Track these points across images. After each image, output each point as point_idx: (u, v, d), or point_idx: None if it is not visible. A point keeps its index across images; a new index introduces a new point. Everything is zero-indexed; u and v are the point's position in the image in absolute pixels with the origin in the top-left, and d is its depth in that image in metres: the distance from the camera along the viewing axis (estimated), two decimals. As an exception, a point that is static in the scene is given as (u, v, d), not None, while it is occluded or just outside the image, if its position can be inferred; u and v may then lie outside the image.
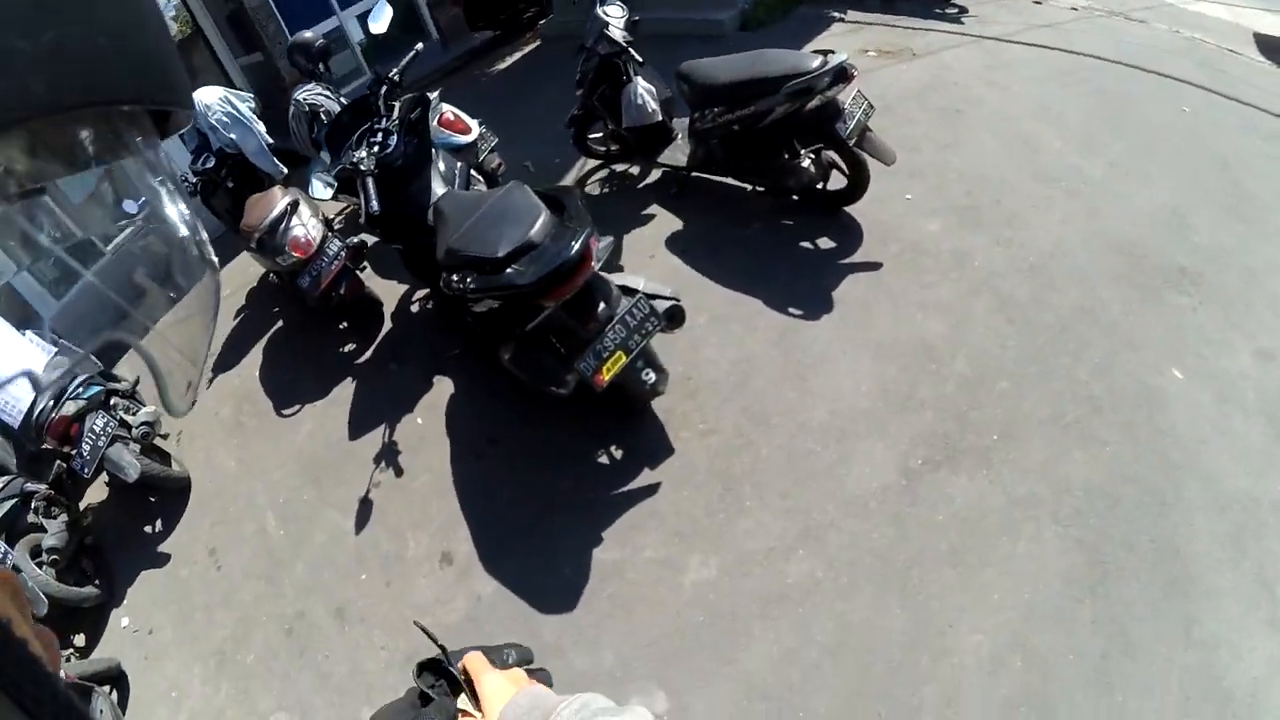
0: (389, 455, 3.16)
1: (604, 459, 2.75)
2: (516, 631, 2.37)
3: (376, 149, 2.96)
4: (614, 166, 4.38)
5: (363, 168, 2.86)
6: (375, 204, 2.76)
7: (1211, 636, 1.92)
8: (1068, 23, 4.71)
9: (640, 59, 3.50)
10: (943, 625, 2.07)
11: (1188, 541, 2.09)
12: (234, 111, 4.21)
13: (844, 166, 3.15)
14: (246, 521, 3.23)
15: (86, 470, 3.08)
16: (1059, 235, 3.06)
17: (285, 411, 3.70)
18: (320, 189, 2.92)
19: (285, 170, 4.51)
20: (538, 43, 7.47)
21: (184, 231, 0.47)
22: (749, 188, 3.68)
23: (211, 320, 0.53)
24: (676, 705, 2.08)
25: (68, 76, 0.30)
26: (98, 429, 3.09)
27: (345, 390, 3.65)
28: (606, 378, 2.34)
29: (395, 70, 3.19)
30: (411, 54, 3.25)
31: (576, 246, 2.18)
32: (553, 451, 2.86)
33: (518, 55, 7.27)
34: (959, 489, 2.34)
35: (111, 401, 3.29)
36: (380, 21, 3.19)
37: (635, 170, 4.29)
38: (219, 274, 0.52)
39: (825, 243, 3.31)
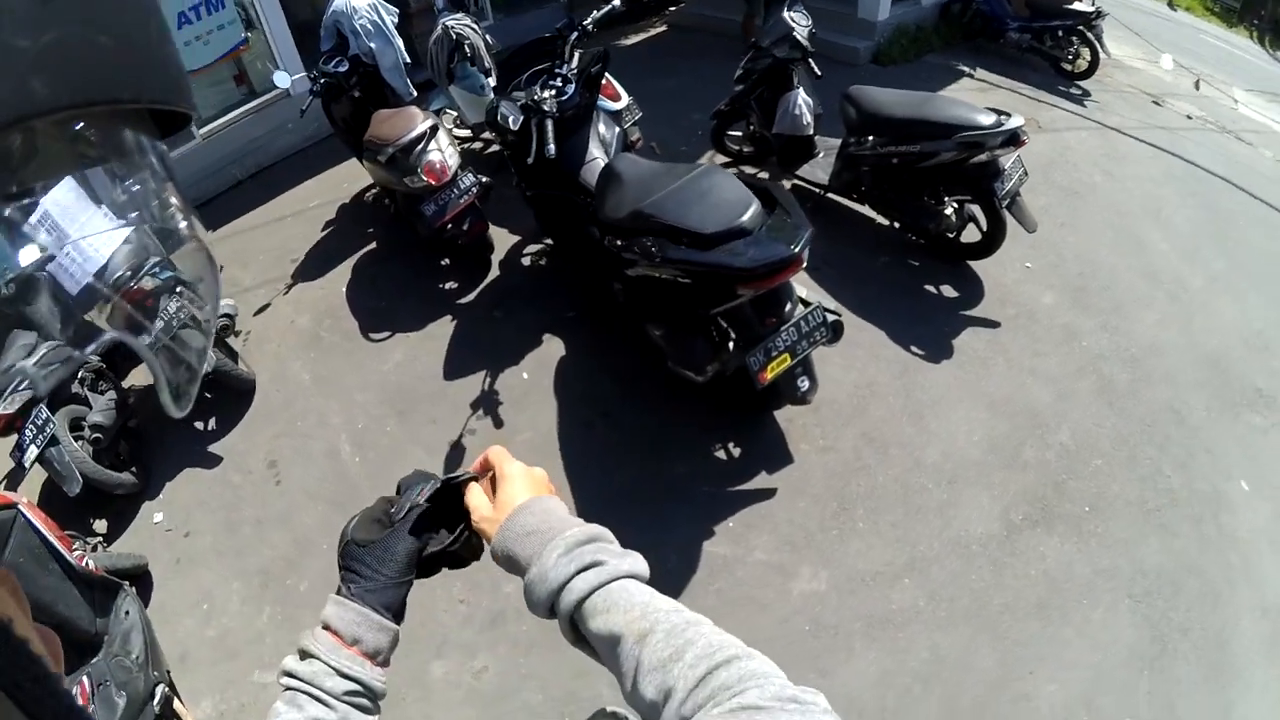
0: (488, 403, 3.40)
1: (721, 454, 3.12)
2: None
3: (553, 92, 3.20)
4: (743, 168, 4.70)
5: (545, 108, 3.11)
6: (552, 147, 3.00)
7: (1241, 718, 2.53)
8: (1182, 130, 5.44)
9: (819, 71, 3.92)
10: (1024, 671, 2.56)
11: (1234, 636, 2.68)
12: (380, 20, 4.31)
13: (983, 223, 3.64)
14: (316, 440, 3.39)
15: (155, 344, 3.11)
16: (1157, 335, 3.66)
17: (374, 336, 3.86)
18: (509, 120, 3.10)
19: (415, 92, 4.63)
20: (664, 28, 7.91)
21: (184, 232, 0.53)
22: (881, 221, 4.12)
23: (211, 321, 0.60)
24: None
25: (68, 76, 0.32)
26: (172, 309, 3.12)
27: (443, 328, 3.84)
28: (770, 376, 2.68)
29: (591, 20, 3.43)
30: (609, 8, 3.50)
31: (802, 241, 2.52)
32: (669, 436, 3.19)
33: (642, 36, 7.68)
34: (1051, 549, 2.86)
35: (178, 290, 3.28)
36: None
37: (764, 176, 4.61)
38: (218, 274, 0.59)
39: (948, 291, 3.82)
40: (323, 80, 4.37)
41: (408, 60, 4.56)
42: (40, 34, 0.31)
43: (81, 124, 0.37)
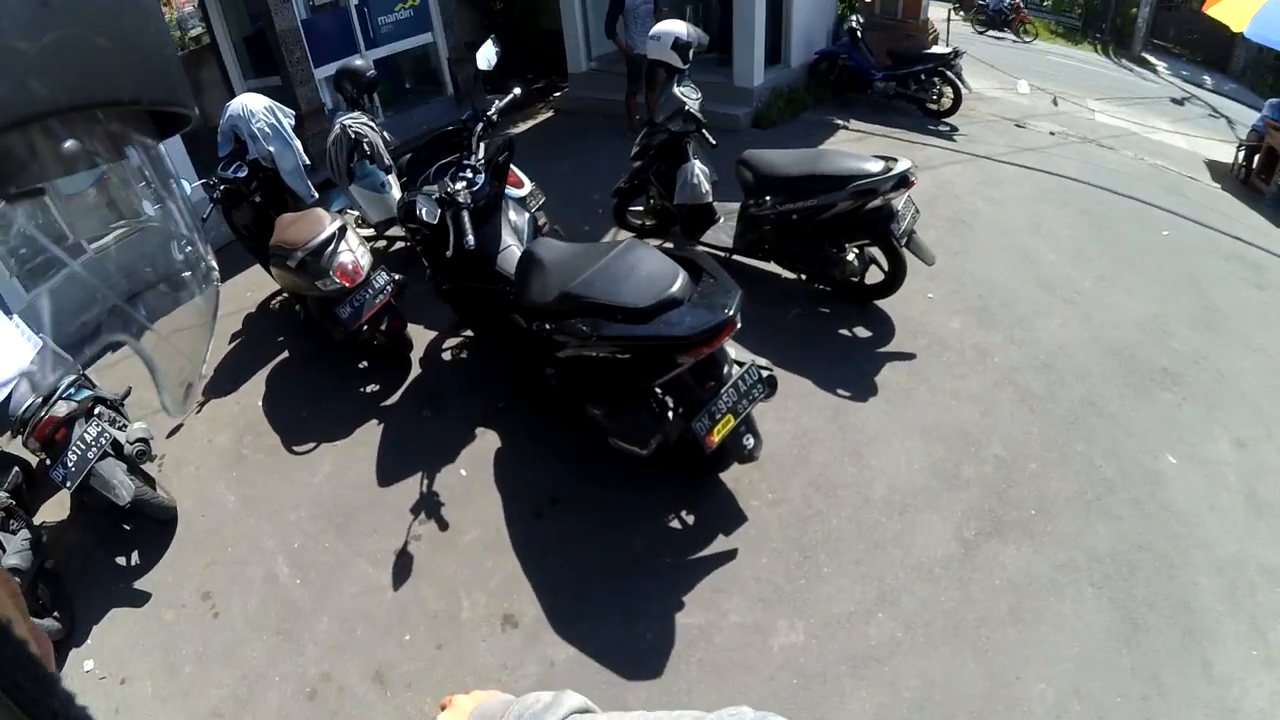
0: (430, 506, 3.40)
1: (676, 523, 3.21)
2: (600, 699, 2.73)
3: (465, 184, 3.36)
4: (647, 241, 5.00)
5: (460, 199, 3.26)
6: (471, 238, 3.15)
7: (1224, 675, 2.63)
8: (1048, 147, 6.09)
9: (714, 140, 4.28)
10: (1011, 678, 2.66)
11: (1195, 598, 2.85)
12: (278, 124, 4.43)
13: (884, 263, 3.98)
14: (252, 565, 3.30)
15: (70, 483, 3.04)
16: (1061, 338, 4.01)
17: (298, 449, 3.83)
18: (428, 215, 3.25)
19: (316, 194, 4.74)
20: (550, 113, 8.50)
21: (184, 231, 0.55)
22: (788, 275, 4.43)
23: (211, 321, 0.62)
24: None
25: (68, 77, 0.34)
26: (89, 438, 3.10)
27: (370, 433, 3.85)
28: (717, 439, 2.83)
29: (494, 109, 3.65)
30: (510, 96, 3.77)
31: (734, 304, 2.72)
32: (622, 513, 3.27)
33: (531, 123, 8.18)
34: (1009, 557, 3.02)
35: (97, 411, 3.32)
36: (487, 58, 3.67)
37: (669, 246, 4.94)
38: (218, 273, 0.62)
39: (861, 331, 4.12)
40: (222, 187, 4.42)
41: (307, 163, 4.66)
42: (40, 36, 0.32)
43: (82, 125, 0.39)
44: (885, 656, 2.73)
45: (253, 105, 4.47)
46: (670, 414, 3.10)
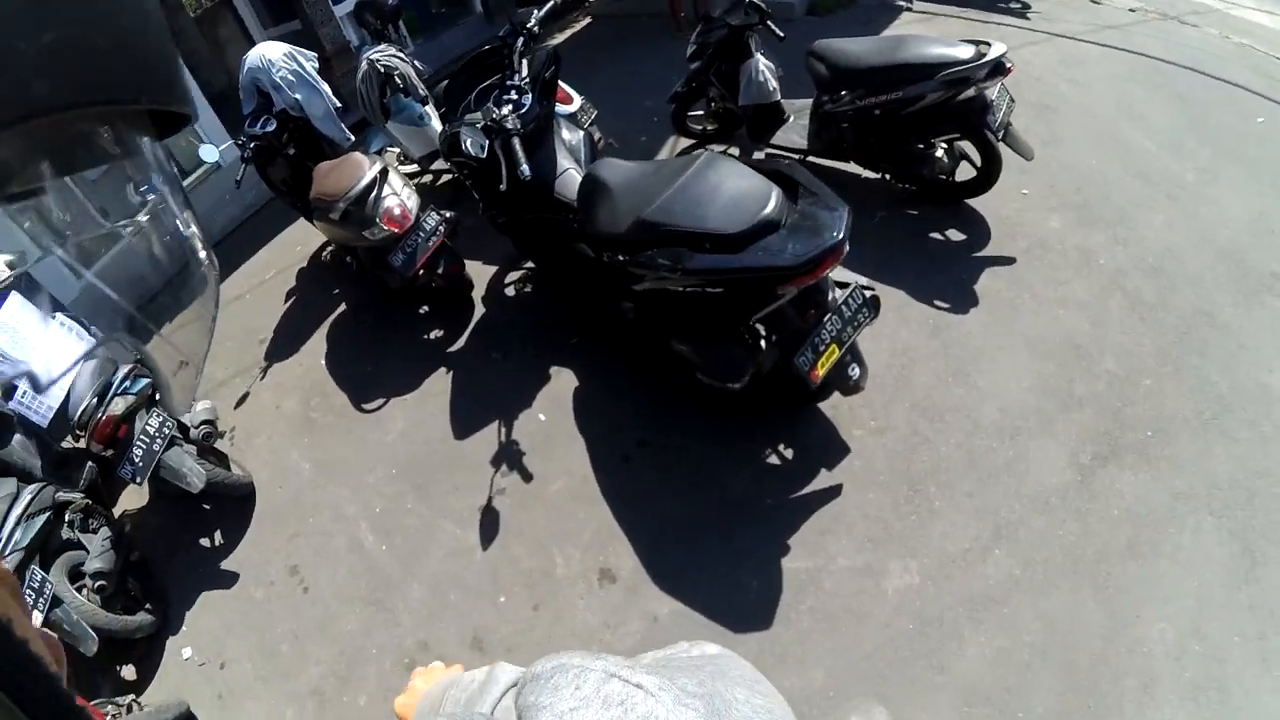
0: (511, 457, 3.27)
1: (775, 459, 3.05)
2: None
3: (511, 107, 3.03)
4: (710, 147, 4.62)
5: (509, 125, 2.93)
6: (526, 167, 2.82)
7: None
8: (1128, 25, 5.56)
9: (781, 33, 3.81)
10: (1131, 617, 2.58)
11: None
12: (300, 70, 4.14)
13: (976, 159, 3.64)
14: (335, 535, 3.23)
15: (139, 478, 2.99)
16: (1168, 238, 3.73)
17: (367, 406, 3.71)
18: (475, 147, 2.92)
19: (352, 137, 4.48)
20: (587, 20, 7.94)
21: (185, 230, 0.56)
22: (868, 175, 4.08)
23: (212, 320, 0.62)
24: (898, 718, 2.38)
25: (68, 76, 0.34)
26: (152, 430, 3.02)
27: (440, 383, 3.70)
28: (821, 373, 2.59)
29: (534, 19, 3.25)
30: (550, 3, 3.35)
31: (843, 225, 2.40)
32: (716, 453, 3.10)
33: (568, 34, 7.65)
34: (1127, 484, 2.88)
35: (159, 396, 3.17)
36: None
37: (734, 151, 4.54)
38: (218, 272, 0.62)
39: (954, 234, 3.82)
40: (252, 144, 4.19)
41: (338, 105, 4.40)
42: (40, 35, 0.32)
43: (82, 125, 0.39)
44: (1003, 597, 2.64)
45: (271, 54, 4.17)
46: (764, 344, 2.85)
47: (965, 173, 3.82)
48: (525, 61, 3.21)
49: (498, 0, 7.80)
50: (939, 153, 3.74)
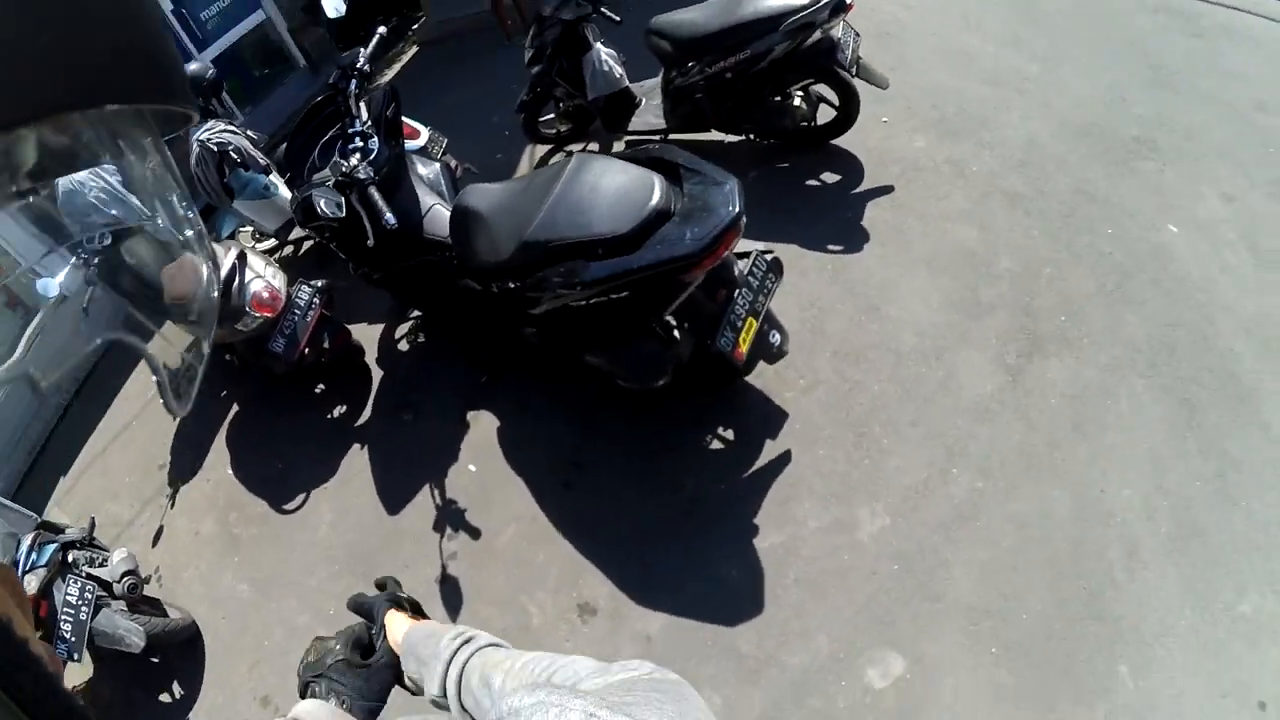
0: (452, 518, 3.21)
1: (717, 445, 3.08)
2: (710, 656, 2.59)
3: (359, 155, 2.97)
4: (569, 149, 4.67)
5: (361, 176, 2.87)
6: (390, 215, 2.77)
7: None
8: None
9: (617, 17, 3.88)
10: (1095, 493, 2.71)
11: (1235, 363, 2.95)
12: (109, 185, 3.94)
13: (834, 99, 3.77)
14: (295, 650, 2.97)
15: (76, 655, 2.87)
16: (1028, 131, 3.95)
17: (288, 507, 3.59)
18: (331, 208, 2.86)
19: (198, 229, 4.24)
20: (414, 49, 7.85)
21: (188, 230, 0.58)
22: (731, 139, 4.18)
23: (213, 318, 0.67)
24: (912, 658, 2.46)
25: (67, 77, 0.35)
26: (74, 599, 2.91)
27: (357, 461, 3.61)
28: (745, 349, 2.63)
29: (363, 59, 3.20)
30: (375, 38, 3.32)
31: (735, 197, 2.40)
32: (656, 455, 3.12)
33: (397, 67, 7.58)
34: (1055, 372, 3.04)
35: (70, 558, 3.06)
36: (335, 4, 3.23)
37: (594, 147, 4.61)
38: (220, 270, 0.80)
39: (829, 177, 3.95)
40: (95, 261, 3.92)
41: (149, 214, 4.21)
42: (39, 35, 0.33)
43: (82, 125, 0.41)
44: (973, 512, 2.75)
45: (78, 175, 3.87)
46: (677, 334, 2.87)
47: (825, 115, 3.95)
48: (363, 105, 3.16)
49: (320, 50, 7.66)
50: (796, 101, 3.87)
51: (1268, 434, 2.78)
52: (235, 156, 4.10)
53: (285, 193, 4.32)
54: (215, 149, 4.04)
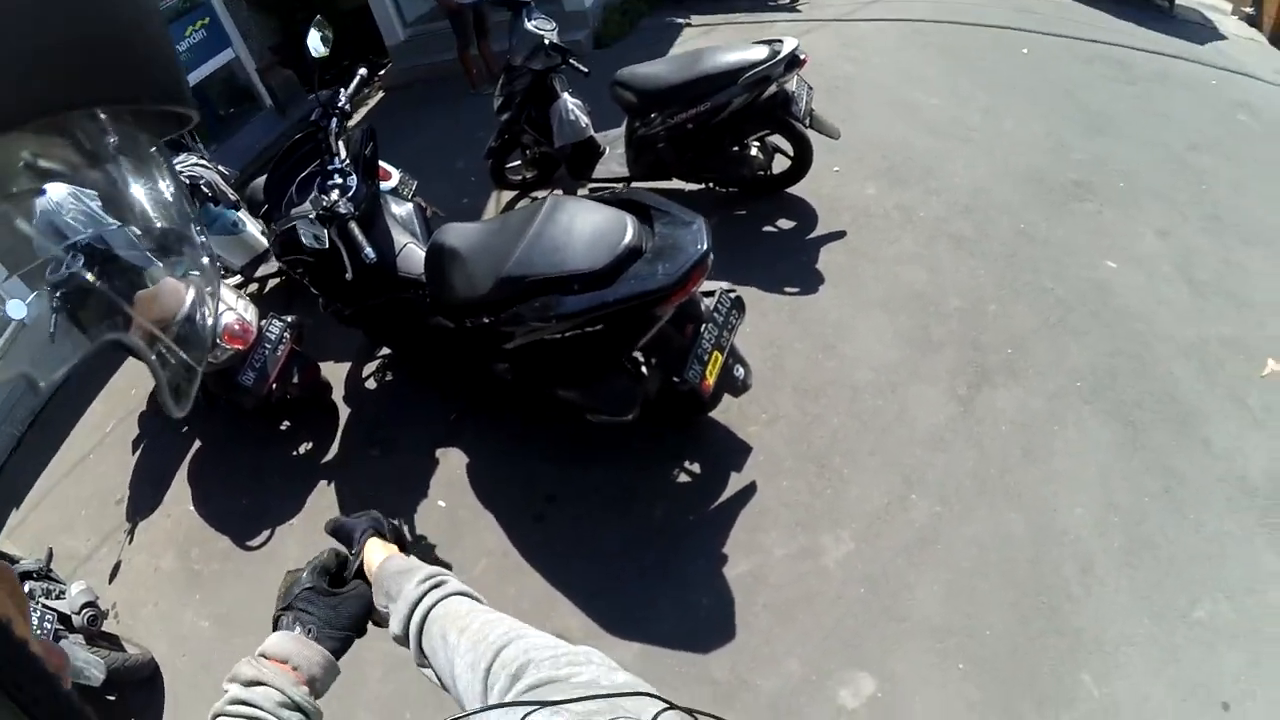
0: (422, 554, 3.05)
1: (684, 477, 3.22)
2: (684, 682, 2.66)
3: (339, 191, 3.11)
4: (534, 195, 4.90)
5: (342, 210, 3.00)
6: (370, 250, 2.91)
7: (1224, 448, 2.97)
8: None
9: (585, 69, 4.17)
10: (1048, 513, 2.90)
11: (1174, 386, 3.19)
12: (88, 209, 4.02)
13: (788, 149, 4.07)
14: None
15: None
16: (972, 178, 4.28)
17: (252, 543, 3.60)
18: (313, 239, 2.97)
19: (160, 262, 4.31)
20: (380, 94, 8.20)
21: (186, 230, 0.59)
22: (692, 187, 4.44)
23: (214, 315, 0.65)
24: (882, 678, 2.56)
25: (67, 77, 0.36)
26: (32, 629, 2.80)
27: (324, 497, 3.64)
28: (712, 381, 2.79)
29: (344, 99, 3.36)
30: (356, 78, 3.51)
31: (704, 235, 2.61)
32: (624, 487, 3.24)
33: (363, 111, 7.83)
34: (1004, 401, 3.25)
35: (27, 589, 3.04)
36: (317, 44, 3.34)
37: (559, 193, 4.79)
38: (219, 268, 0.71)
39: (784, 223, 4.23)
40: (61, 290, 4.04)
41: (138, 231, 4.32)
42: (39, 35, 0.34)
43: (81, 124, 0.42)
44: (933, 536, 2.90)
45: (56, 196, 4.01)
46: (645, 370, 3.05)
47: (781, 164, 4.25)
48: (341, 143, 3.31)
49: (286, 91, 7.96)
50: (753, 151, 4.16)
51: (1209, 450, 3.01)
52: (206, 190, 4.23)
53: (253, 230, 4.44)
54: (186, 181, 4.14)
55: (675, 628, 2.83)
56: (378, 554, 1.03)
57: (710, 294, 2.98)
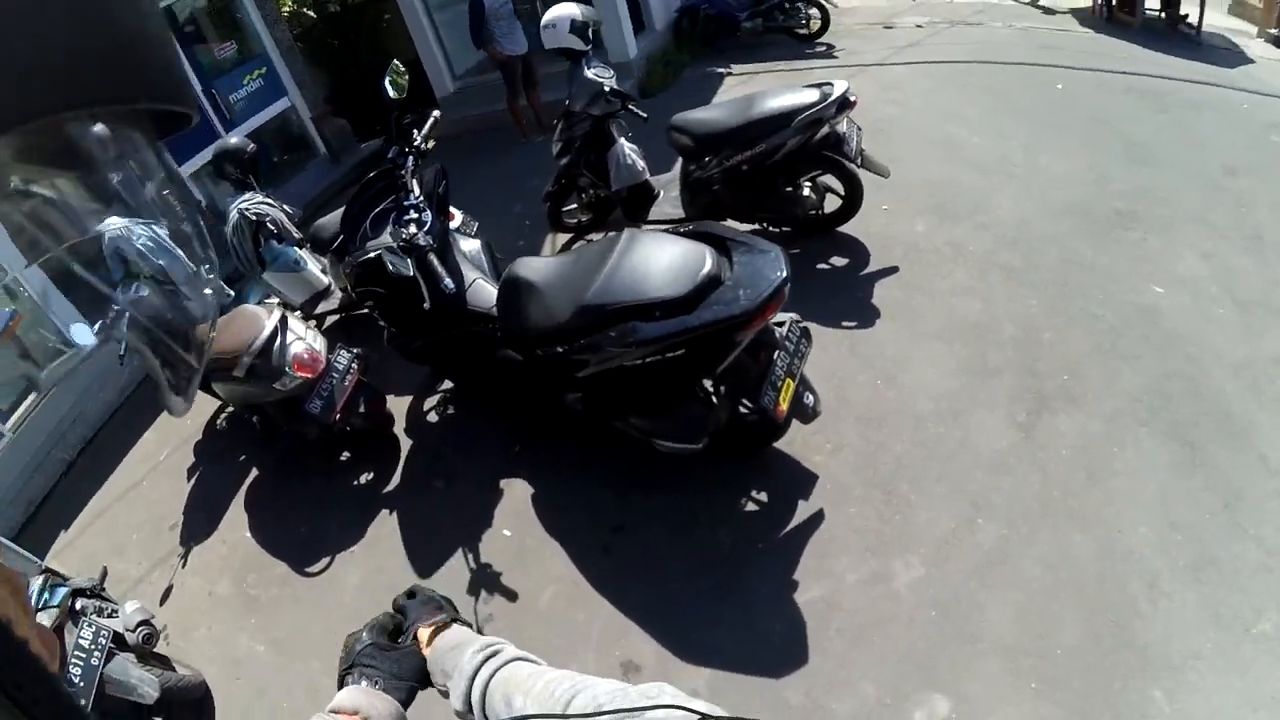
0: (487, 581, 3.37)
1: (751, 506, 3.38)
2: (759, 708, 2.74)
3: (415, 225, 3.32)
4: (590, 237, 5.19)
5: (422, 243, 3.20)
6: (449, 280, 3.14)
7: (1278, 461, 3.25)
8: (923, 40, 6.73)
9: (644, 114, 4.48)
10: (1113, 533, 3.01)
11: (1228, 404, 3.32)
12: (155, 235, 4.14)
13: (840, 188, 4.31)
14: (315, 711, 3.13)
15: (84, 700, 2.82)
16: (1018, 211, 4.49)
17: (312, 570, 3.69)
18: (403, 267, 3.19)
19: (231, 293, 4.61)
20: (431, 144, 8.49)
21: (186, 229, 0.60)
22: (742, 227, 4.55)
23: (214, 314, 0.67)
24: (956, 699, 2.65)
25: (68, 77, 0.37)
26: (86, 643, 2.89)
27: (385, 526, 3.76)
28: (785, 407, 2.98)
29: (419, 138, 3.63)
30: (431, 120, 3.77)
31: (784, 263, 2.82)
32: (692, 515, 3.39)
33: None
34: (1064, 425, 3.40)
35: (79, 605, 3.09)
36: (398, 85, 3.65)
37: (610, 235, 5.14)
38: (218, 265, 0.84)
39: (838, 261, 4.45)
40: (126, 314, 4.13)
41: (194, 268, 4.49)
42: (40, 36, 0.35)
43: (81, 125, 0.42)
44: (1001, 558, 3.01)
45: (118, 221, 4.27)
46: (715, 399, 3.23)
47: (831, 204, 4.50)
48: (416, 181, 3.55)
49: (339, 140, 8.38)
50: (806, 191, 4.41)
51: (1266, 465, 3.13)
52: (271, 228, 4.46)
53: (314, 268, 4.66)
54: (253, 218, 4.39)
55: (747, 653, 2.93)
56: (426, 635, 1.07)
57: (781, 324, 3.17)
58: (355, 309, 4.94)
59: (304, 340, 3.74)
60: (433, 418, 4.36)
